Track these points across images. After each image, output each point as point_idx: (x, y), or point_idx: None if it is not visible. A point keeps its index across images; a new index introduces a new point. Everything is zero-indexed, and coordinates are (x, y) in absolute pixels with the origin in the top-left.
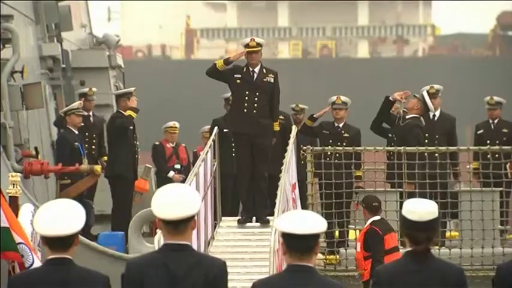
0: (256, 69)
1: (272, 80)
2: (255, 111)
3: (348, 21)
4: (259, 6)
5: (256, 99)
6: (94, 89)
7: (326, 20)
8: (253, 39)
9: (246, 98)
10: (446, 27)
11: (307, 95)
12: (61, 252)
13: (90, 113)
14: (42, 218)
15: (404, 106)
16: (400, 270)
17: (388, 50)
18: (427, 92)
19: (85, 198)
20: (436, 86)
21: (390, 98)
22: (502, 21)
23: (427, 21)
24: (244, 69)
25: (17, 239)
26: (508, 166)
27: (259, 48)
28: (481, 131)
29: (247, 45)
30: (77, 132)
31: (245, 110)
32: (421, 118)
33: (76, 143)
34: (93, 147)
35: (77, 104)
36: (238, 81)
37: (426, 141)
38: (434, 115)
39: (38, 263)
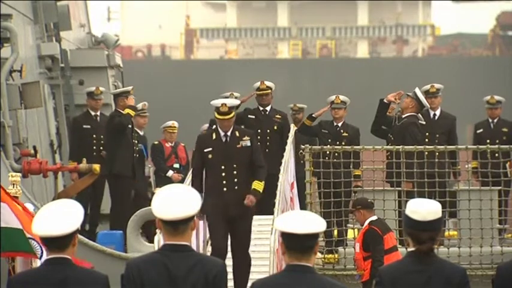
0: (229, 132)
1: (249, 143)
2: (236, 187)
3: (347, 21)
4: (259, 6)
5: (235, 172)
6: (102, 89)
7: (326, 20)
8: (225, 105)
9: (223, 174)
10: (445, 27)
11: (307, 95)
12: (58, 252)
13: (98, 113)
14: (39, 218)
15: (399, 106)
16: (403, 270)
17: (388, 50)
18: (427, 91)
19: (92, 197)
20: (437, 85)
21: (385, 101)
22: (501, 21)
23: (426, 21)
24: (214, 136)
25: (27, 234)
26: (507, 165)
27: (231, 114)
28: (481, 130)
29: (217, 110)
30: (142, 133)
31: (225, 189)
32: (419, 115)
33: (139, 145)
34: (101, 148)
35: (141, 105)
36: (210, 156)
37: (426, 140)
38: (434, 114)
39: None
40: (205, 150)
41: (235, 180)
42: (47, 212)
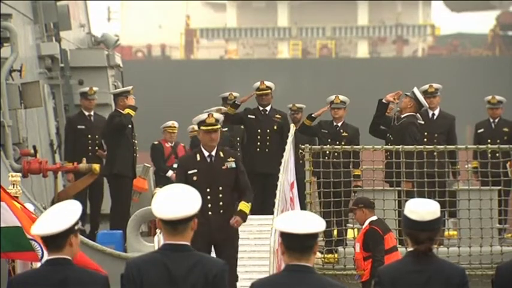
0: (213, 153)
1: (234, 165)
2: (221, 211)
3: (347, 21)
4: (259, 6)
5: (220, 195)
6: (95, 89)
7: (326, 20)
8: (212, 115)
9: (209, 197)
10: (445, 27)
11: (307, 94)
12: (57, 252)
13: (91, 113)
14: (39, 220)
15: (398, 106)
16: (402, 270)
17: (388, 50)
18: (426, 91)
19: (91, 198)
20: (435, 85)
21: (383, 101)
22: (501, 21)
23: (426, 21)
24: (198, 157)
25: (27, 235)
26: (508, 165)
27: (218, 126)
28: (482, 130)
29: (203, 123)
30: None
31: (210, 213)
32: (417, 115)
33: None
34: (96, 147)
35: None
36: (194, 178)
37: (425, 140)
38: (433, 114)
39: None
40: (189, 172)
41: (221, 203)
42: (48, 213)
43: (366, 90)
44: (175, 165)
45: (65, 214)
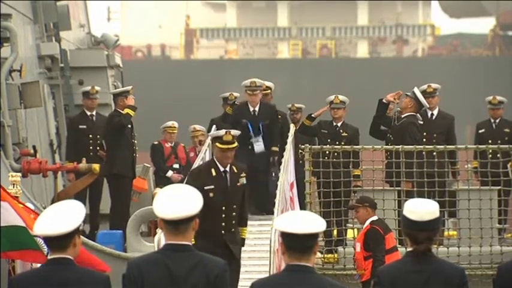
0: (228, 168)
1: (245, 181)
2: (233, 229)
3: (347, 21)
4: (259, 6)
5: (234, 214)
6: (97, 88)
7: (326, 20)
8: (229, 132)
9: (223, 215)
10: (445, 27)
11: (307, 94)
12: (59, 252)
13: (93, 113)
14: (41, 219)
15: (398, 106)
16: (401, 270)
17: (388, 50)
18: (424, 91)
19: (91, 198)
20: (434, 85)
21: (384, 101)
22: (501, 21)
23: (426, 21)
24: (214, 172)
25: (31, 232)
26: (508, 165)
27: (235, 144)
28: (483, 130)
29: (220, 140)
30: None
31: (223, 232)
32: (417, 115)
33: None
34: (97, 147)
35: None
36: (211, 194)
37: (424, 140)
38: (432, 114)
39: None
40: (205, 188)
41: (233, 221)
42: (49, 212)
43: (365, 90)
44: (175, 165)
45: (70, 214)
